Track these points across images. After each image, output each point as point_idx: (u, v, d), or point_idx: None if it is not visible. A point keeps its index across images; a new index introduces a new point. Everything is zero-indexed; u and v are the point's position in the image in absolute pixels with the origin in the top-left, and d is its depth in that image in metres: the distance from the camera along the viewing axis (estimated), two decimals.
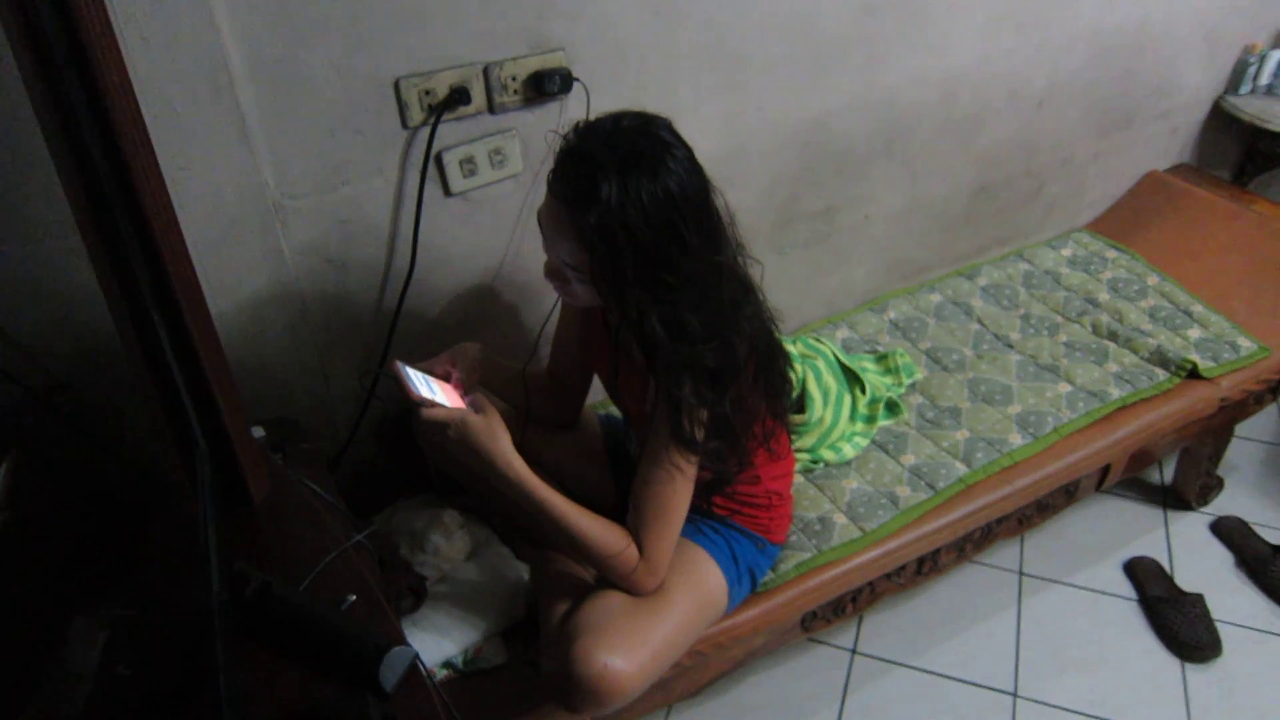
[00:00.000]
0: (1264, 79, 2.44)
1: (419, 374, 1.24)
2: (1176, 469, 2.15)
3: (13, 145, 1.10)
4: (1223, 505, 2.14)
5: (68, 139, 0.82)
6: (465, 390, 1.31)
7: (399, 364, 1.22)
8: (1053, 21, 2.00)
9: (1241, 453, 2.26)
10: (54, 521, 1.13)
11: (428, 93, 1.37)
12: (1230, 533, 2.05)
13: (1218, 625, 1.83)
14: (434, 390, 1.22)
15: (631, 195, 1.03)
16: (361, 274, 1.50)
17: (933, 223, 2.18)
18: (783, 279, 2.00)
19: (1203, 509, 2.14)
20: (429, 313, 1.60)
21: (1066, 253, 2.29)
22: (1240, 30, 2.37)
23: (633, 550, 1.22)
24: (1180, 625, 1.82)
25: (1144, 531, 2.09)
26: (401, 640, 0.96)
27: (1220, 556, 2.02)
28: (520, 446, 1.20)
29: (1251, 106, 2.41)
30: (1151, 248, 2.27)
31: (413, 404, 1.19)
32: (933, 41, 1.86)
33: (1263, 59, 2.41)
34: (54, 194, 0.99)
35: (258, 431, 1.35)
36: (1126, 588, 1.96)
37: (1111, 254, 2.26)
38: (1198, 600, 1.86)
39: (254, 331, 1.43)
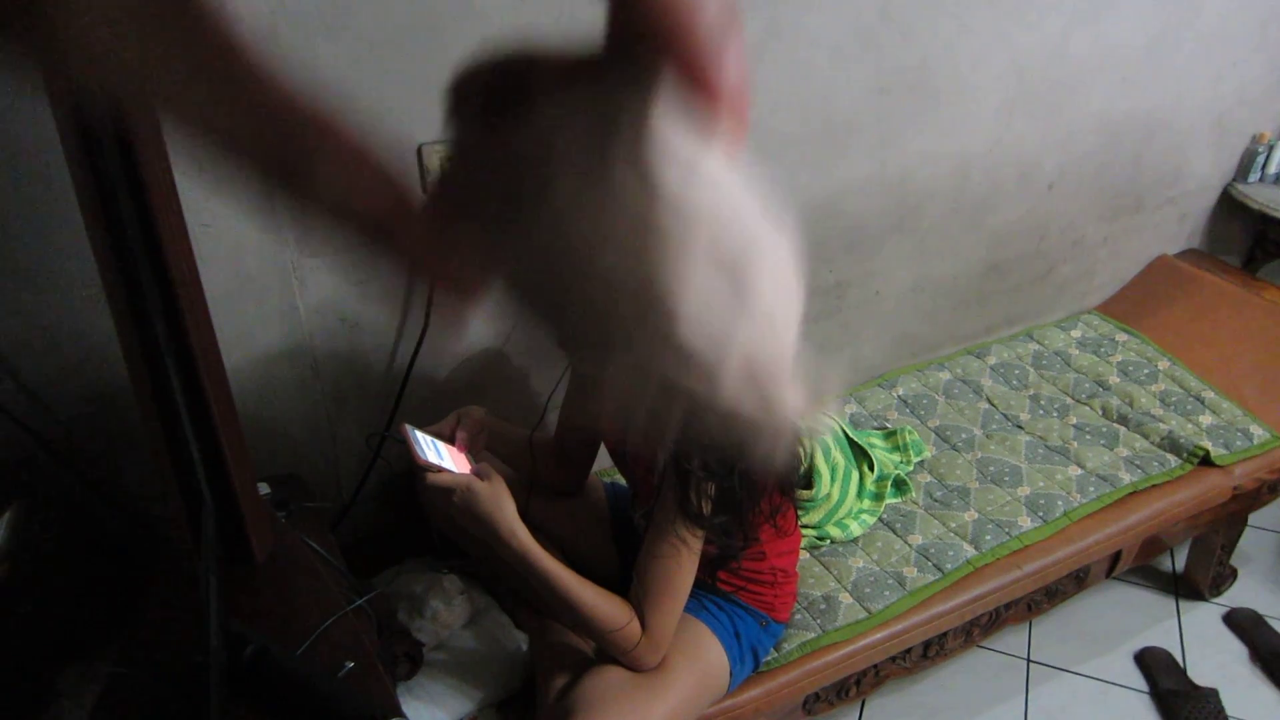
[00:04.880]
0: (1273, 168, 2.48)
1: (427, 438, 1.24)
2: (1189, 557, 2.12)
3: (43, 196, 1.13)
4: (1236, 596, 2.09)
5: (98, 190, 0.84)
6: (470, 452, 1.31)
7: (407, 427, 1.22)
8: (1063, 107, 2.04)
9: (1255, 542, 2.22)
10: (52, 573, 1.12)
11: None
12: (1244, 625, 2.00)
13: None
14: (441, 455, 1.22)
15: None
16: (375, 334, 1.51)
17: (943, 300, 2.19)
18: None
19: (1216, 599, 2.09)
20: (439, 375, 1.60)
21: (1076, 334, 2.29)
22: (1248, 120, 2.41)
23: (635, 625, 1.20)
24: None
25: (1155, 621, 2.04)
26: (397, 710, 0.94)
27: (1234, 649, 1.98)
28: (524, 514, 1.19)
29: (1261, 195, 2.43)
30: (1162, 332, 2.27)
31: (419, 468, 1.19)
32: (945, 123, 1.89)
33: (1271, 148, 2.45)
34: (79, 243, 1.01)
35: (263, 488, 1.35)
36: (1137, 679, 1.91)
37: (1121, 337, 2.27)
38: (1212, 695, 1.81)
39: (264, 386, 1.44)
